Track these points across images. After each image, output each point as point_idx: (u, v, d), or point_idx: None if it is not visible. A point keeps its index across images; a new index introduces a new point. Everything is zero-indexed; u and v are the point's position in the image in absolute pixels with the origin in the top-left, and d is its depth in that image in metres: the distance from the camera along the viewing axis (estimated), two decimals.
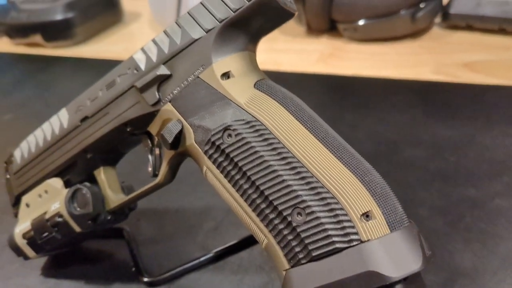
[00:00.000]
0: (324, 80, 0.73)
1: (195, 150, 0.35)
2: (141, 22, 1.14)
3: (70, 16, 1.04)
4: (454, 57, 0.72)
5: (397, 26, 0.77)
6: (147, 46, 0.38)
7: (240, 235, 0.47)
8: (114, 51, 1.00)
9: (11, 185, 0.48)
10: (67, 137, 0.43)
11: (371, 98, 0.66)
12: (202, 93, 0.35)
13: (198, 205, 0.52)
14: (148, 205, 0.50)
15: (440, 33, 0.80)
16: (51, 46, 1.06)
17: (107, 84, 0.40)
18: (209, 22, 0.35)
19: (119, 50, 1.00)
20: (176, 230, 0.50)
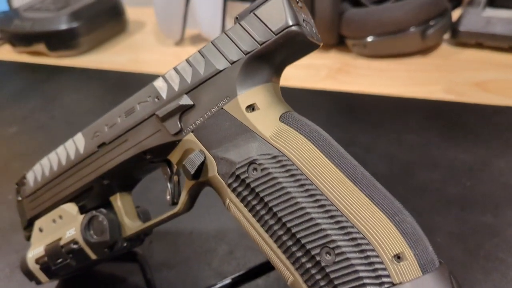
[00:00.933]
0: (333, 97, 0.72)
1: (218, 182, 0.34)
2: (145, 32, 1.14)
3: (75, 26, 1.03)
4: (465, 75, 0.72)
5: (406, 43, 0.77)
6: (168, 74, 0.38)
7: (256, 261, 0.47)
8: (119, 61, 0.99)
9: (23, 208, 0.47)
10: (83, 162, 0.42)
11: (383, 118, 0.65)
12: (226, 125, 0.34)
13: (212, 228, 0.52)
14: (161, 227, 0.49)
15: (449, 50, 0.79)
16: (54, 55, 1.06)
17: (126, 111, 0.40)
18: (234, 53, 0.34)
19: (124, 61, 0.99)
20: (190, 254, 0.49)
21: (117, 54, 1.03)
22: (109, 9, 1.11)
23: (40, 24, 1.05)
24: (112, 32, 1.12)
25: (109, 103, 0.84)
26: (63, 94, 0.91)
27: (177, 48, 1.01)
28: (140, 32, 1.14)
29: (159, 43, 1.05)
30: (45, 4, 1.12)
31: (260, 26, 0.33)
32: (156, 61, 0.97)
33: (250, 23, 0.34)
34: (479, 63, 0.74)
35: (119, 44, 1.09)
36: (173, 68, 0.38)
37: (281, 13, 0.32)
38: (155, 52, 1.01)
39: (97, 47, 1.08)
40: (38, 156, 0.77)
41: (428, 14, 0.74)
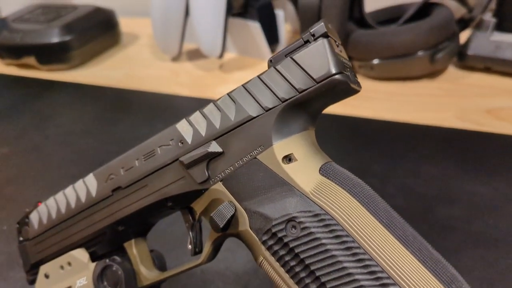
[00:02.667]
0: (341, 122, 0.70)
1: (250, 237, 0.32)
2: (140, 45, 1.10)
3: (67, 39, 1.00)
4: (476, 101, 0.70)
5: (414, 66, 0.75)
6: (193, 117, 0.35)
7: None
8: (114, 77, 0.95)
9: (26, 251, 0.44)
10: (96, 206, 0.39)
11: (396, 146, 0.63)
12: (260, 176, 0.32)
13: (224, 267, 0.49)
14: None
15: (457, 74, 0.78)
16: (45, 69, 1.02)
17: (144, 153, 0.37)
18: (269, 100, 0.32)
19: (119, 76, 0.96)
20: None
21: (111, 69, 1.00)
22: (102, 21, 1.07)
23: (30, 36, 1.01)
24: (105, 45, 1.08)
25: (107, 123, 0.80)
26: (56, 111, 0.87)
27: (174, 63, 0.98)
28: (134, 45, 1.11)
29: (155, 58, 1.02)
30: (35, 15, 1.08)
31: (298, 72, 0.31)
32: (153, 77, 0.94)
33: (287, 68, 0.31)
34: (488, 89, 0.73)
35: (113, 57, 1.05)
36: (199, 111, 0.35)
37: (323, 59, 0.30)
38: (151, 68, 0.98)
39: (89, 60, 1.04)
40: (33, 180, 0.74)
41: (437, 38, 0.73)
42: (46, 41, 0.99)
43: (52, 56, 1.01)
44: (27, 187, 0.69)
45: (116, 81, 0.94)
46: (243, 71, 0.91)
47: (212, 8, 0.84)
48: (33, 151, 0.77)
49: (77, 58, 1.02)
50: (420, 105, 0.72)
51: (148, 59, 1.02)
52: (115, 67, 1.00)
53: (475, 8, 0.77)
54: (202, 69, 0.93)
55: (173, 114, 0.81)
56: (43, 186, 0.68)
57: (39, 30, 1.01)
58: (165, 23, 0.91)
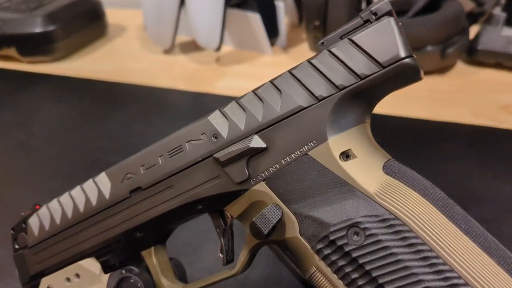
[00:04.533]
0: None
1: (300, 245, 0.28)
2: (127, 37, 1.04)
3: (50, 29, 0.93)
4: (489, 98, 0.68)
5: (425, 61, 0.72)
6: (229, 109, 0.31)
7: None
8: (102, 70, 0.90)
9: (23, 261, 0.39)
10: (109, 210, 0.34)
11: (415, 144, 0.60)
12: (312, 175, 0.28)
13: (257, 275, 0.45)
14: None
15: (466, 69, 0.76)
16: (27, 61, 0.95)
17: (170, 149, 0.32)
18: (323, 88, 0.28)
19: (107, 69, 0.90)
20: None
21: (98, 61, 0.94)
22: (88, 11, 1.01)
23: (10, 26, 0.94)
24: (91, 36, 1.02)
25: (98, 118, 0.75)
26: (41, 106, 0.81)
27: (167, 56, 0.92)
28: (122, 37, 1.05)
29: (146, 50, 0.96)
30: (15, 3, 1.01)
31: (360, 55, 0.27)
32: (144, 70, 0.88)
33: (345, 51, 0.27)
34: (500, 85, 0.71)
35: (99, 50, 0.99)
36: (235, 101, 0.31)
37: (390, 40, 0.26)
38: (142, 60, 0.92)
39: (74, 52, 0.98)
40: (19, 180, 0.68)
41: (448, 32, 0.70)
42: (28, 31, 0.93)
43: (35, 47, 0.94)
44: (13, 188, 0.63)
45: (105, 74, 0.88)
46: (241, 64, 0.86)
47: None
48: (17, 149, 0.71)
49: (61, 50, 0.95)
50: (432, 101, 0.69)
51: (138, 52, 0.96)
52: (103, 60, 0.94)
53: (487, 2, 0.74)
54: (197, 62, 0.88)
55: (170, 109, 0.76)
56: (30, 187, 0.63)
57: (20, 19, 0.94)
58: (158, 13, 0.86)
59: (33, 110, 0.80)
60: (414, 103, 0.68)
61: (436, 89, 0.71)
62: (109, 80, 0.86)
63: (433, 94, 0.70)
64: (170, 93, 0.80)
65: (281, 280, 0.44)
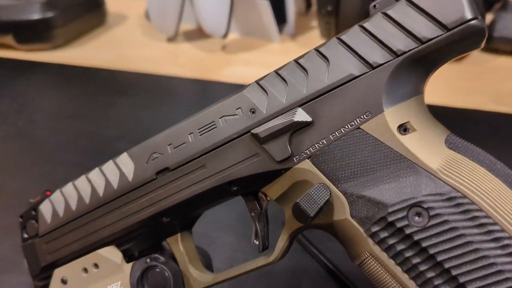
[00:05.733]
0: None
1: (350, 229, 0.25)
2: (128, 25, 1.01)
3: (49, 16, 0.89)
4: (508, 85, 0.66)
5: None
6: (267, 81, 0.28)
7: None
8: (103, 58, 0.86)
9: (34, 250, 0.36)
10: (133, 193, 0.31)
11: None
12: (365, 151, 0.25)
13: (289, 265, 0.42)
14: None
15: (482, 57, 0.74)
16: (24, 49, 0.91)
17: (201, 126, 0.29)
18: (378, 54, 0.25)
19: (108, 57, 0.87)
20: None
21: (99, 49, 0.91)
22: None
23: (7, 12, 0.90)
24: (90, 24, 0.99)
25: (102, 106, 0.72)
26: (41, 94, 0.77)
27: (171, 44, 0.89)
28: (122, 25, 1.01)
29: (148, 38, 0.93)
30: None
31: (420, 17, 0.24)
32: (148, 58, 0.85)
33: (403, 13, 0.25)
34: None
35: (99, 38, 0.96)
36: (275, 72, 0.28)
37: (455, 1, 0.24)
38: (145, 48, 0.89)
39: (73, 40, 0.95)
40: (20, 168, 0.64)
41: None
42: (25, 17, 0.89)
43: (33, 35, 0.90)
44: (14, 177, 0.60)
45: (106, 62, 0.85)
46: (248, 52, 0.83)
47: None
48: (18, 137, 0.67)
49: (60, 37, 0.92)
50: (451, 88, 0.67)
51: (140, 40, 0.93)
52: (103, 48, 0.91)
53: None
54: (203, 50, 0.86)
55: (176, 97, 0.74)
56: (34, 175, 0.59)
57: (18, 5, 0.90)
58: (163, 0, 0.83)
59: (33, 98, 0.76)
60: (434, 91, 0.66)
61: (454, 77, 0.69)
62: (111, 68, 0.82)
63: (451, 82, 0.68)
64: (176, 81, 0.77)
65: (307, 271, 0.42)
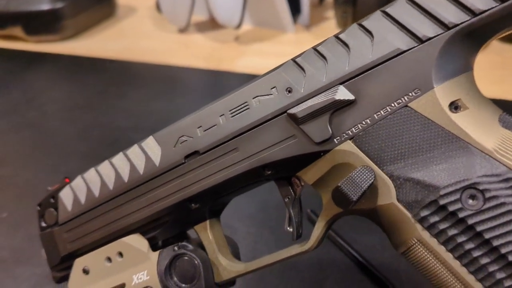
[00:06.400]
0: None
1: (396, 214, 0.24)
2: (138, 17, 1.00)
3: (59, 7, 0.88)
4: None
5: None
6: (305, 58, 0.26)
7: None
8: (114, 49, 0.85)
9: (53, 240, 0.34)
10: (160, 178, 0.30)
11: None
12: (414, 131, 0.24)
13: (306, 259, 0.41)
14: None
15: (500, 46, 0.72)
16: (33, 40, 0.90)
17: (233, 108, 0.28)
18: (428, 27, 0.23)
19: (119, 48, 0.85)
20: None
21: (109, 41, 0.89)
22: None
23: (16, 3, 0.89)
24: (99, 16, 0.97)
25: (113, 97, 0.70)
26: (52, 85, 0.76)
27: (182, 35, 0.88)
28: (131, 17, 1.00)
29: (159, 30, 0.92)
30: None
31: None
32: (159, 50, 0.84)
33: None
34: None
35: (109, 29, 0.95)
36: (312, 49, 0.26)
37: None
38: (156, 40, 0.88)
39: (82, 32, 0.93)
40: (31, 159, 0.63)
41: None
42: (34, 8, 0.88)
43: (42, 26, 0.89)
44: (25, 168, 0.59)
45: (116, 54, 0.83)
46: (262, 43, 0.82)
47: None
48: (29, 128, 0.66)
49: (69, 29, 0.91)
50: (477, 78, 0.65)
51: (150, 31, 0.92)
52: (114, 39, 0.90)
53: None
54: (215, 41, 0.84)
55: (190, 87, 0.72)
56: (45, 166, 0.58)
57: None
58: None
59: (43, 89, 0.75)
60: None
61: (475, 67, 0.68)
62: (122, 59, 0.81)
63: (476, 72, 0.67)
64: (188, 72, 0.76)
65: (335, 263, 0.40)
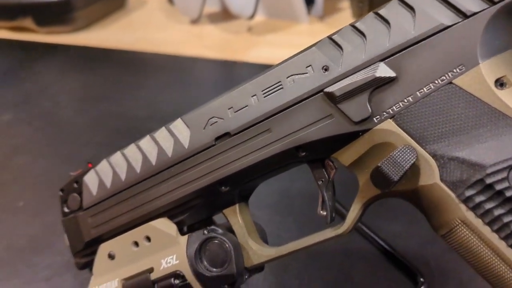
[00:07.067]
0: None
1: (439, 194, 0.23)
2: (148, 9, 0.99)
3: None
4: None
5: None
6: (342, 35, 0.26)
7: None
8: (126, 40, 0.84)
9: (77, 225, 0.34)
10: (189, 161, 0.29)
11: None
12: (458, 108, 0.23)
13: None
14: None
15: None
16: (44, 31, 0.89)
17: (265, 88, 0.27)
18: (472, 1, 0.23)
19: (130, 39, 0.84)
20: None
21: (120, 32, 0.89)
22: None
23: None
24: (110, 7, 0.97)
25: (128, 88, 0.70)
26: (64, 75, 0.76)
27: (194, 27, 0.87)
28: (142, 9, 0.99)
29: (170, 21, 0.91)
30: None
31: None
32: (171, 41, 0.83)
33: None
34: None
35: (120, 21, 0.94)
36: (350, 26, 0.26)
37: None
38: (168, 31, 0.87)
39: (93, 23, 0.92)
40: (45, 149, 0.62)
41: None
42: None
43: (52, 17, 0.88)
44: (40, 157, 0.58)
45: (128, 45, 0.83)
46: (275, 34, 0.81)
47: None
48: (42, 118, 0.65)
49: (80, 20, 0.90)
50: None
51: (162, 22, 0.91)
52: (125, 30, 0.89)
53: None
54: (228, 32, 0.83)
55: (203, 78, 0.72)
56: (60, 156, 0.58)
57: None
58: None
59: (56, 80, 0.74)
60: None
61: None
62: (135, 50, 0.80)
63: None
64: (202, 62, 0.75)
65: (360, 251, 0.40)
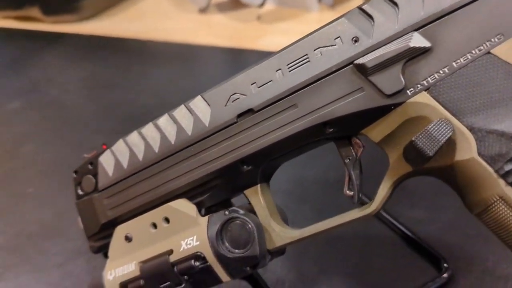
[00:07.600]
0: None
1: (476, 169, 0.22)
2: None
3: None
4: None
5: None
6: (372, 4, 0.24)
7: None
8: (133, 29, 0.83)
9: (92, 207, 0.33)
10: (210, 139, 0.28)
11: None
12: (497, 79, 0.22)
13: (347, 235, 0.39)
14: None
15: None
16: (50, 21, 0.88)
17: (291, 61, 0.26)
18: None
19: (138, 28, 0.83)
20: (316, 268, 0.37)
21: (128, 21, 0.88)
22: None
23: None
24: None
25: (137, 76, 0.69)
26: (72, 64, 0.75)
27: (203, 16, 0.86)
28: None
29: (178, 10, 0.90)
30: None
31: None
32: (180, 29, 0.82)
33: None
34: None
35: (127, 10, 0.93)
36: None
37: None
38: (176, 20, 0.86)
39: (100, 13, 0.91)
40: (54, 136, 0.61)
41: None
42: None
43: (59, 6, 0.88)
44: (48, 144, 0.58)
45: (136, 34, 0.82)
46: (285, 22, 0.80)
47: None
48: (51, 105, 0.65)
49: (87, 9, 0.89)
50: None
51: (170, 11, 0.90)
52: (133, 19, 0.88)
53: None
54: (237, 21, 0.82)
55: (213, 66, 0.71)
56: (70, 143, 0.57)
57: None
58: None
59: (64, 68, 0.73)
60: None
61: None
62: (143, 39, 0.79)
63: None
64: (211, 51, 0.74)
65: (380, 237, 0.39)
